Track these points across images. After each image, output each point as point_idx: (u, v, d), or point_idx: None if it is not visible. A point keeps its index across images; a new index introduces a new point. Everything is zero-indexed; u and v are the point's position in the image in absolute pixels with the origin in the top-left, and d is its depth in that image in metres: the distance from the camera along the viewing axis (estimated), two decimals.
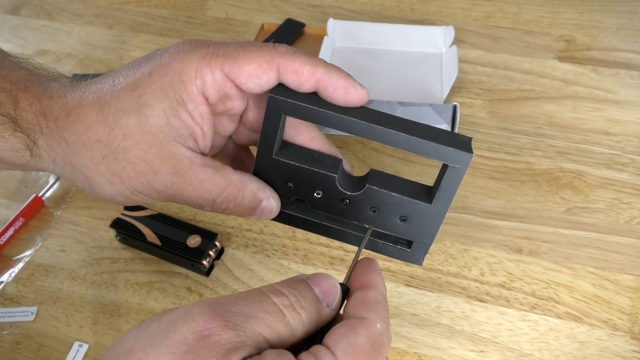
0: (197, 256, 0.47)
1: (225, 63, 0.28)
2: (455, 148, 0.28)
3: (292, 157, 0.31)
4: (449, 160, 0.28)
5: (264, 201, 0.32)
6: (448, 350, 0.44)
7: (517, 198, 0.53)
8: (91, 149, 0.30)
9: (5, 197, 0.55)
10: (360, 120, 0.28)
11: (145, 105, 0.29)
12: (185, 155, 0.30)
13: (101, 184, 0.31)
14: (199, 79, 0.28)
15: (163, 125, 0.29)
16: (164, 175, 0.30)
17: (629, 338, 0.44)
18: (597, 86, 0.62)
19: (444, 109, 0.56)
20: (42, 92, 0.31)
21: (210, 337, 0.22)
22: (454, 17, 0.71)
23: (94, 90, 0.30)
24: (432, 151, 0.28)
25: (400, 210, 0.31)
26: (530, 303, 0.46)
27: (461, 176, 0.29)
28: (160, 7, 0.76)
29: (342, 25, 0.66)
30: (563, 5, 0.71)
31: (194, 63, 0.29)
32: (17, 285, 0.49)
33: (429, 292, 0.47)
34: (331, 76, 0.28)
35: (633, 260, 0.48)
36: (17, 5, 0.77)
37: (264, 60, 0.28)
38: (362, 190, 0.31)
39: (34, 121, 0.31)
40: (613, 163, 0.55)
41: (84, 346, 0.45)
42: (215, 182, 0.30)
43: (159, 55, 0.30)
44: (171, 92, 0.29)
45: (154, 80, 0.29)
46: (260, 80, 0.29)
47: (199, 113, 0.29)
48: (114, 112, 0.29)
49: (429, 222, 0.32)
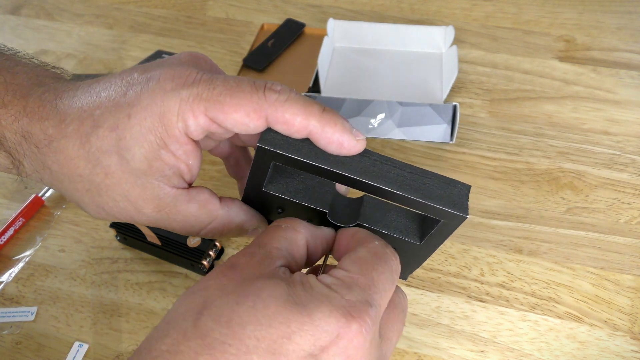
0: (197, 256, 0.47)
1: (210, 108, 0.27)
2: (450, 209, 0.27)
3: (282, 188, 0.31)
4: (443, 217, 0.28)
5: (249, 232, 0.33)
6: (448, 350, 0.44)
7: (517, 198, 0.53)
8: (74, 181, 0.30)
9: (5, 197, 0.55)
10: (353, 175, 0.27)
11: (125, 149, 0.28)
12: (169, 194, 0.29)
13: (88, 210, 0.31)
14: (181, 122, 0.27)
15: (145, 169, 0.28)
16: (147, 213, 0.30)
17: (629, 338, 0.44)
18: (597, 86, 0.62)
19: (444, 109, 0.56)
20: (22, 110, 0.30)
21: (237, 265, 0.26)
22: (454, 17, 0.71)
23: (73, 118, 0.29)
24: (426, 209, 0.28)
25: (390, 243, 0.31)
26: (530, 303, 0.46)
27: (453, 230, 0.29)
28: (160, 7, 0.76)
29: (342, 25, 0.66)
30: (563, 5, 0.71)
31: (175, 107, 0.27)
32: (17, 285, 0.49)
33: (429, 292, 0.47)
34: (325, 130, 0.27)
35: (633, 260, 0.48)
36: (17, 5, 0.77)
37: (252, 109, 0.27)
38: (353, 225, 0.31)
39: (15, 142, 0.30)
40: (613, 163, 0.55)
41: (84, 346, 0.45)
42: (199, 218, 0.30)
43: (139, 88, 0.28)
44: (151, 137, 0.27)
45: (133, 124, 0.27)
46: (247, 128, 0.27)
47: (183, 151, 0.28)
48: (94, 151, 0.28)
49: (416, 255, 0.32)
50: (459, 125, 0.58)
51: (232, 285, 0.25)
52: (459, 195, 0.28)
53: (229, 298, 0.24)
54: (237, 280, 0.25)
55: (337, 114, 0.28)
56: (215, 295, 0.25)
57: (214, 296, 0.25)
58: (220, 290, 0.25)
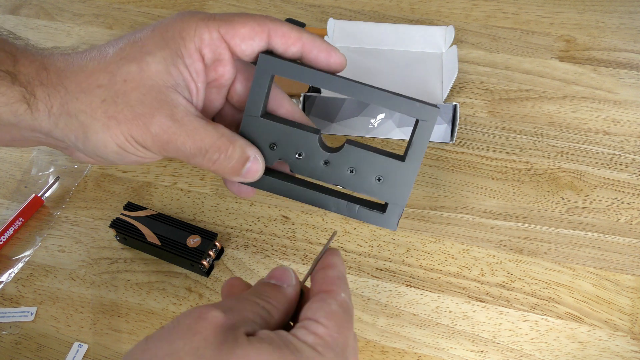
0: (197, 256, 0.47)
1: (222, 25, 0.31)
2: (424, 104, 0.32)
3: (276, 120, 0.34)
4: (418, 114, 0.32)
5: (250, 159, 0.33)
6: (448, 350, 0.44)
7: (517, 198, 0.53)
8: (91, 94, 0.31)
9: (5, 197, 0.55)
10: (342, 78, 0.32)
11: (147, 53, 0.31)
12: (181, 102, 0.31)
13: (96, 129, 0.31)
14: (197, 36, 0.31)
15: (162, 72, 0.31)
16: (160, 118, 0.31)
17: (629, 338, 0.44)
18: (597, 86, 0.62)
19: (444, 109, 0.56)
20: (42, 53, 0.33)
21: (207, 318, 0.25)
22: (454, 17, 0.71)
23: (96, 50, 0.33)
24: (402, 105, 0.32)
25: (375, 169, 0.34)
26: (531, 303, 0.46)
27: (430, 130, 0.32)
28: (160, 7, 0.75)
29: (342, 25, 0.66)
30: (563, 5, 0.71)
31: (193, 23, 0.31)
32: (17, 285, 0.49)
33: (429, 292, 0.47)
34: (315, 41, 0.32)
35: (633, 260, 0.48)
36: (17, 5, 0.77)
37: (257, 24, 0.31)
38: (341, 148, 0.33)
39: (34, 75, 0.32)
40: (613, 163, 0.55)
41: (84, 346, 0.45)
42: (208, 131, 0.32)
43: (159, 22, 0.33)
44: (172, 44, 0.31)
45: (155, 34, 0.32)
46: (252, 42, 0.31)
47: (195, 69, 0.32)
48: (117, 61, 0.31)
49: (402, 180, 0.34)
50: (459, 125, 0.58)
51: (210, 351, 0.24)
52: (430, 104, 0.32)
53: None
54: (212, 344, 0.24)
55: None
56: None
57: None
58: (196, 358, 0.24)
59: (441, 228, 0.51)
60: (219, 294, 0.48)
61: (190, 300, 0.47)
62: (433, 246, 0.50)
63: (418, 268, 0.48)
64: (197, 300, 0.47)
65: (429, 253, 0.49)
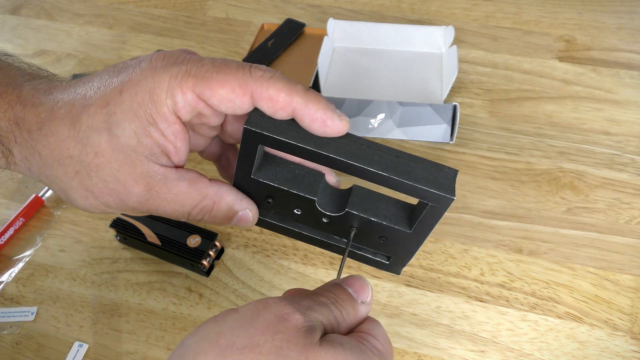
0: (197, 256, 0.47)
1: (197, 84, 0.27)
2: (437, 190, 0.27)
3: (271, 176, 0.31)
4: (430, 200, 0.28)
5: (240, 212, 0.32)
6: (448, 350, 0.44)
7: (517, 198, 0.53)
8: (64, 164, 0.30)
9: (5, 197, 0.55)
10: (338, 156, 0.27)
11: (115, 124, 0.28)
12: (158, 172, 0.29)
13: (75, 197, 0.31)
14: (170, 99, 0.28)
15: (134, 145, 0.28)
16: (137, 193, 0.30)
17: (629, 338, 0.44)
18: (597, 86, 0.62)
19: (444, 109, 0.56)
20: (16, 98, 0.30)
21: (289, 320, 0.25)
22: (454, 17, 0.71)
23: (65, 102, 0.30)
24: (412, 191, 0.27)
25: (379, 232, 0.31)
26: (530, 303, 0.46)
27: (442, 213, 0.28)
28: (160, 7, 0.76)
29: (342, 25, 0.66)
30: (563, 5, 0.71)
31: (164, 82, 0.28)
32: (17, 285, 0.49)
33: (429, 292, 0.47)
34: (308, 107, 0.27)
35: (633, 260, 0.48)
36: (17, 5, 0.77)
37: (238, 84, 0.27)
38: (342, 213, 0.31)
39: (7, 129, 0.30)
40: (613, 163, 0.55)
41: (84, 346, 0.45)
42: (190, 195, 0.30)
43: (131, 69, 0.29)
44: (141, 112, 0.28)
45: (124, 99, 0.28)
46: (233, 105, 0.28)
47: (172, 132, 0.29)
48: (85, 130, 0.29)
49: (407, 245, 0.32)
50: (459, 125, 0.58)
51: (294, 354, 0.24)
52: (445, 178, 0.27)
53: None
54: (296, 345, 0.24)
55: (321, 95, 0.28)
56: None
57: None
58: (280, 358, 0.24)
59: (441, 228, 0.51)
60: (219, 293, 0.48)
61: (190, 300, 0.47)
62: (433, 246, 0.50)
63: (418, 268, 0.48)
64: (197, 300, 0.47)
65: (429, 253, 0.49)
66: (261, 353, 0.23)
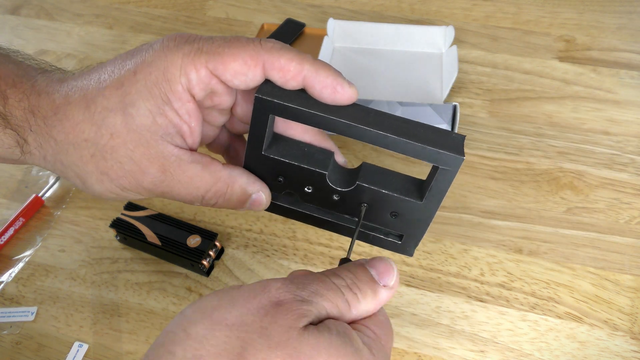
0: (197, 256, 0.47)
1: (210, 60, 0.28)
2: (446, 151, 0.27)
3: (282, 152, 0.31)
4: (440, 162, 0.28)
5: (254, 194, 0.32)
6: (448, 350, 0.44)
7: (517, 198, 0.53)
8: (79, 147, 0.30)
9: (5, 197, 0.55)
10: (348, 121, 0.28)
11: (130, 104, 0.29)
12: (172, 153, 0.30)
13: (91, 181, 0.31)
14: (184, 76, 0.28)
15: (149, 124, 0.29)
16: (152, 173, 0.30)
17: (629, 338, 0.44)
18: (597, 86, 0.62)
19: (444, 109, 0.56)
20: (30, 88, 0.31)
21: (283, 305, 0.25)
22: (454, 17, 0.71)
23: (80, 87, 0.30)
24: (421, 153, 0.28)
25: (390, 206, 0.31)
26: (530, 303, 0.46)
27: (452, 177, 0.28)
28: (160, 7, 0.76)
29: (342, 25, 0.66)
30: (563, 5, 0.71)
31: (178, 60, 0.28)
32: (17, 285, 0.49)
33: (429, 292, 0.47)
34: (319, 74, 0.28)
35: (633, 260, 0.48)
36: (17, 5, 0.77)
37: (249, 56, 0.28)
38: (353, 187, 0.31)
39: (22, 118, 0.31)
40: (613, 163, 0.55)
41: (84, 346, 0.45)
42: (204, 178, 0.31)
43: (144, 52, 0.29)
44: (156, 91, 0.28)
45: (139, 78, 0.29)
46: (245, 77, 0.28)
47: (186, 110, 0.29)
48: (100, 111, 0.29)
49: (419, 218, 0.31)
50: (459, 125, 0.58)
51: (277, 334, 0.24)
52: (454, 141, 0.28)
53: (277, 354, 0.24)
54: (281, 327, 0.24)
55: (329, 64, 0.29)
56: (258, 345, 0.24)
57: (255, 344, 0.24)
58: (264, 338, 0.24)
59: (441, 228, 0.51)
60: None
61: (191, 300, 0.47)
62: (433, 246, 0.50)
63: (418, 268, 0.48)
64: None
65: (429, 253, 0.49)
66: (247, 332, 0.24)
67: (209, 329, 0.24)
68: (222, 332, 0.24)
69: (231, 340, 0.24)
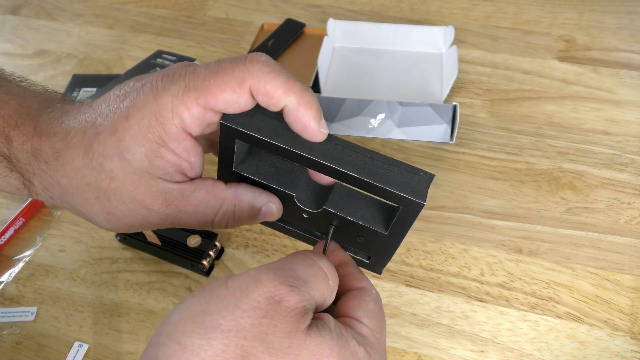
0: (197, 256, 0.47)
1: (200, 96, 0.27)
2: (407, 195, 0.27)
3: (252, 170, 0.31)
4: (401, 204, 0.27)
5: (263, 208, 0.32)
6: (448, 350, 0.44)
7: (517, 198, 0.53)
8: (83, 191, 0.30)
9: (5, 197, 0.55)
10: (311, 155, 0.27)
11: (125, 150, 0.29)
12: (174, 187, 0.30)
13: (99, 220, 0.31)
14: (177, 118, 0.28)
15: (147, 167, 0.29)
16: (156, 209, 0.30)
17: (629, 338, 0.44)
18: (597, 86, 0.62)
19: (444, 109, 0.56)
20: (33, 130, 0.31)
21: (282, 303, 0.24)
22: (454, 17, 0.71)
23: (77, 130, 0.30)
24: (383, 194, 0.27)
25: (357, 231, 0.31)
26: (530, 303, 0.46)
27: (414, 218, 0.28)
28: (160, 7, 0.76)
29: (342, 25, 0.66)
30: (563, 5, 0.71)
31: (168, 103, 0.28)
32: (17, 285, 0.49)
33: (429, 292, 0.47)
34: (298, 109, 0.28)
35: (633, 260, 0.48)
36: (17, 5, 0.77)
37: (237, 84, 0.27)
38: (320, 210, 0.31)
39: (26, 162, 0.31)
40: (613, 163, 0.55)
41: (84, 346, 0.45)
42: (209, 203, 0.31)
43: (135, 94, 0.29)
44: (150, 135, 0.28)
45: (131, 124, 0.28)
46: (238, 104, 0.28)
47: (183, 148, 0.29)
48: (97, 157, 0.29)
49: (385, 246, 0.31)
50: (459, 125, 0.58)
51: (278, 340, 0.23)
52: (419, 183, 0.27)
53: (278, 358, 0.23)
54: (282, 332, 0.24)
55: (315, 98, 0.29)
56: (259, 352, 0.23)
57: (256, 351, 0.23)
58: (265, 345, 0.23)
59: (441, 228, 0.51)
60: None
61: None
62: (433, 246, 0.50)
63: (418, 268, 0.48)
64: None
65: (429, 253, 0.49)
66: (246, 338, 0.23)
67: (205, 338, 0.23)
68: (219, 340, 0.23)
69: (230, 349, 0.23)
